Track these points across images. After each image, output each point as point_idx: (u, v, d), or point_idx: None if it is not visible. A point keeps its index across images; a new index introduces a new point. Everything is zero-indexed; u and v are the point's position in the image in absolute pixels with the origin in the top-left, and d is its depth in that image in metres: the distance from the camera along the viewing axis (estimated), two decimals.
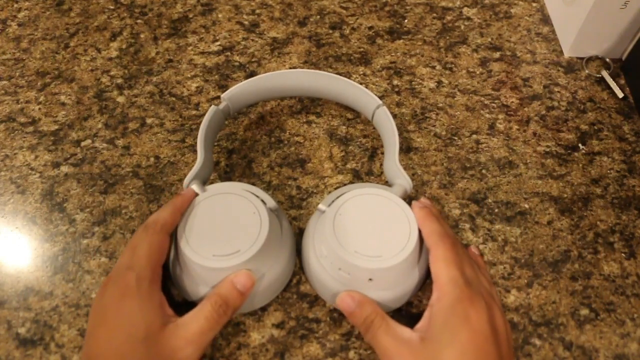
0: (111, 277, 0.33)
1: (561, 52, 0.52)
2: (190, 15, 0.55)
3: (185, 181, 0.38)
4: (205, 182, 0.39)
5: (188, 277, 0.35)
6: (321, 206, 0.37)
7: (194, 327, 0.32)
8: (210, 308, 0.33)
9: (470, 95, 0.49)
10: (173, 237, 0.36)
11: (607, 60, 0.51)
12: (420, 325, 0.33)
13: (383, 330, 0.33)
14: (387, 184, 0.41)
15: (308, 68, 0.51)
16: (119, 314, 0.32)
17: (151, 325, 0.32)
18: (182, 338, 0.32)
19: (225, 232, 0.35)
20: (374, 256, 0.34)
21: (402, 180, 0.38)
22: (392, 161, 0.39)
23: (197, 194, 0.37)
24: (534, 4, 0.56)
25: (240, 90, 0.43)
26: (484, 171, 0.45)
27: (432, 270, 0.34)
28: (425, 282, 0.38)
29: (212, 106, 0.41)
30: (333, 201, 0.37)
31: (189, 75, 0.50)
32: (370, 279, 0.34)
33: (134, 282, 0.32)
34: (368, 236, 0.35)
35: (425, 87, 0.50)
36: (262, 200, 0.37)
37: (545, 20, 0.55)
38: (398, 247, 0.34)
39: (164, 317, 0.32)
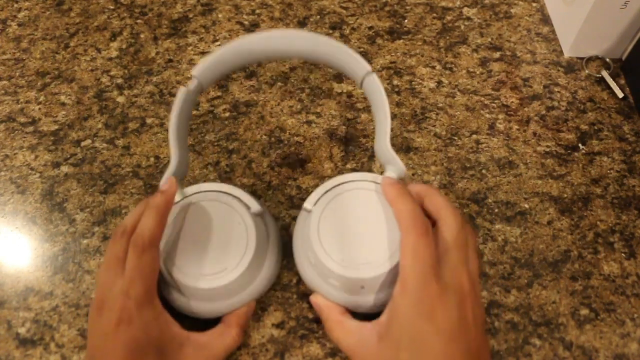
0: (104, 301, 0.31)
1: (561, 52, 0.52)
2: (190, 15, 0.55)
3: (162, 182, 0.34)
4: (183, 178, 0.36)
5: (170, 289, 0.34)
6: (307, 205, 0.34)
7: (215, 352, 0.33)
8: (231, 339, 0.34)
9: (470, 95, 0.49)
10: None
11: (607, 60, 0.51)
12: (381, 319, 0.31)
13: (342, 336, 0.32)
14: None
15: (308, 68, 0.51)
16: (121, 342, 0.30)
17: (166, 347, 0.31)
18: (204, 358, 0.32)
19: (210, 248, 0.33)
20: (363, 263, 0.32)
21: (394, 165, 0.34)
22: (382, 142, 0.34)
23: (177, 194, 0.34)
24: (534, 4, 0.56)
25: (215, 60, 0.36)
26: (484, 171, 0.45)
27: (400, 260, 0.30)
28: None
29: (182, 88, 0.35)
30: (319, 198, 0.34)
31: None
32: (362, 287, 0.33)
33: (134, 309, 0.30)
34: (356, 240, 0.32)
35: (425, 87, 0.50)
36: (246, 205, 0.35)
37: (545, 20, 0.55)
38: (389, 249, 0.32)
39: (177, 336, 0.32)
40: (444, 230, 0.31)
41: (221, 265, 0.33)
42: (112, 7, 0.56)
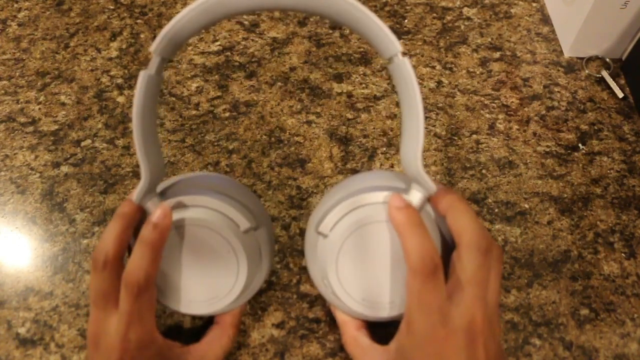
0: (101, 340, 0.30)
1: (561, 52, 0.52)
2: None
3: (136, 197, 0.29)
4: (157, 184, 0.31)
5: (161, 296, 0.33)
6: (322, 229, 0.30)
7: (213, 357, 0.33)
8: (228, 340, 0.34)
9: (470, 95, 0.49)
10: None
11: (607, 60, 0.51)
12: (391, 347, 0.30)
13: (358, 354, 0.33)
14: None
15: (308, 68, 0.51)
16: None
17: (160, 350, 0.31)
18: None
19: (200, 276, 0.31)
20: (384, 303, 0.30)
21: (422, 185, 0.29)
22: (411, 151, 0.28)
23: (149, 212, 0.30)
24: (534, 4, 0.56)
25: (181, 25, 0.28)
26: (484, 171, 0.45)
27: (406, 298, 0.28)
28: None
29: (142, 72, 0.28)
30: (337, 222, 0.30)
31: (189, 75, 0.50)
32: (381, 318, 0.32)
33: (136, 351, 0.29)
34: (378, 277, 0.30)
35: (425, 87, 0.50)
36: (236, 223, 0.31)
37: (545, 20, 0.55)
38: None
39: (179, 356, 0.32)
40: (464, 260, 0.28)
41: (212, 293, 0.32)
42: (112, 7, 0.56)
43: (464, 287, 0.28)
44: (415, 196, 0.29)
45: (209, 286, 0.31)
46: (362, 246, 0.30)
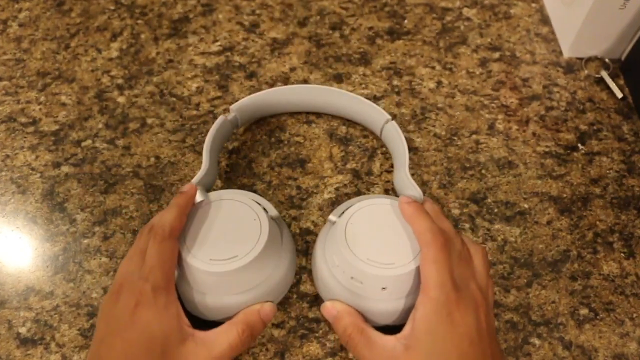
0: (123, 285, 0.32)
1: (560, 52, 0.52)
2: (191, 16, 0.55)
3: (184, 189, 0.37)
4: (208, 190, 0.39)
5: (184, 282, 0.35)
6: (332, 217, 0.37)
7: (218, 350, 0.32)
8: (236, 335, 0.33)
9: (470, 95, 0.49)
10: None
11: (607, 60, 0.51)
12: (404, 332, 0.32)
13: (362, 345, 0.32)
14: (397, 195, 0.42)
15: (308, 68, 0.51)
16: (135, 325, 0.31)
17: (169, 339, 0.31)
18: (202, 358, 0.32)
19: (224, 238, 0.35)
20: (386, 264, 0.33)
21: (413, 191, 0.38)
22: (402, 173, 0.39)
23: (199, 194, 0.37)
24: (534, 5, 0.56)
25: (249, 102, 0.44)
26: (483, 171, 0.45)
27: (421, 271, 0.33)
28: None
29: (221, 116, 0.42)
30: (343, 212, 0.37)
31: (189, 76, 0.50)
32: (383, 288, 0.34)
33: (150, 292, 0.31)
34: (380, 245, 0.34)
35: (425, 87, 0.50)
36: (264, 208, 0.37)
37: (545, 20, 0.55)
38: (411, 254, 0.34)
39: (182, 330, 0.32)
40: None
41: (232, 252, 0.34)
42: (112, 8, 0.56)
43: (457, 265, 0.33)
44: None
45: (232, 247, 0.34)
46: (365, 222, 0.35)
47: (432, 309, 0.31)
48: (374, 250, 0.34)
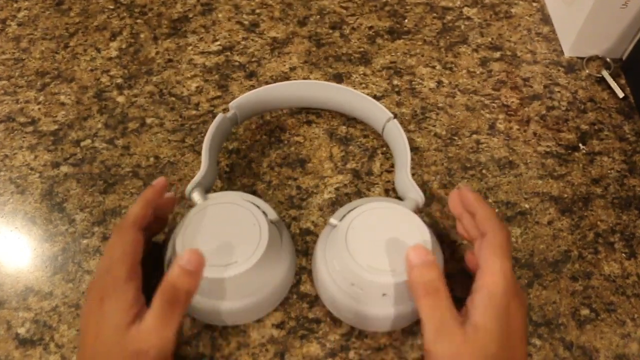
0: (92, 283, 0.33)
1: (561, 51, 0.52)
2: (190, 15, 0.55)
3: (188, 188, 0.37)
4: (208, 190, 0.39)
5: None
6: (332, 220, 0.37)
7: (148, 325, 0.30)
8: (158, 301, 0.30)
9: (471, 95, 0.49)
10: (172, 239, 0.36)
11: (608, 60, 0.51)
12: (469, 312, 0.31)
13: (444, 305, 0.30)
14: (398, 197, 0.41)
15: (308, 68, 0.51)
16: (100, 319, 0.31)
17: (119, 326, 0.30)
18: (142, 340, 0.30)
19: (223, 243, 0.34)
20: (387, 270, 0.33)
21: (414, 194, 0.37)
22: (403, 174, 0.39)
23: (198, 196, 0.37)
24: (534, 4, 0.56)
25: (248, 99, 0.43)
26: (484, 171, 0.45)
27: (483, 255, 0.32)
28: None
29: (220, 114, 0.41)
30: (344, 215, 0.36)
31: (188, 75, 0.50)
32: (384, 294, 0.33)
33: (111, 285, 0.31)
34: (381, 250, 0.34)
35: (425, 87, 0.50)
36: (264, 212, 0.36)
37: (546, 20, 0.55)
38: None
39: (134, 315, 0.31)
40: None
41: (231, 258, 0.33)
42: (111, 7, 0.56)
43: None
44: (412, 202, 0.37)
45: (231, 252, 0.34)
46: (366, 227, 0.35)
47: (499, 294, 0.30)
48: (375, 256, 0.34)
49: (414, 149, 0.46)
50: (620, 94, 0.49)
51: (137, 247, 0.33)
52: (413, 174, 0.44)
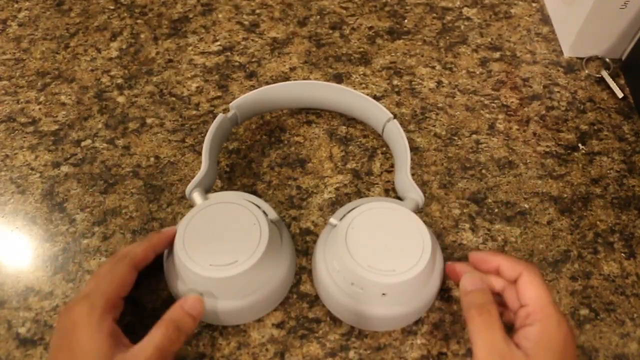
0: (69, 304, 0.32)
1: (561, 52, 0.52)
2: (191, 16, 0.55)
3: (188, 189, 0.37)
4: (208, 190, 0.39)
5: (182, 285, 0.35)
6: (332, 220, 0.37)
7: (144, 355, 0.31)
8: (161, 335, 0.31)
9: (470, 95, 0.49)
10: (171, 245, 0.35)
11: (607, 60, 0.51)
12: (520, 342, 0.31)
13: (497, 326, 0.31)
14: (398, 197, 0.41)
15: (308, 68, 0.51)
16: (72, 345, 0.31)
17: (100, 356, 0.30)
18: None
19: (224, 242, 0.34)
20: (387, 270, 0.33)
21: (414, 194, 0.38)
22: (403, 175, 0.39)
23: (198, 197, 0.37)
24: (534, 4, 0.56)
25: (249, 99, 0.43)
26: (484, 171, 0.45)
27: (530, 290, 0.32)
28: (434, 300, 0.37)
29: (220, 114, 0.41)
30: (344, 215, 0.36)
31: (189, 75, 0.50)
32: (383, 294, 0.34)
33: (85, 311, 0.31)
34: (381, 250, 0.34)
35: (425, 87, 0.50)
36: (264, 212, 0.36)
37: (545, 20, 0.55)
38: (411, 261, 0.34)
39: (114, 347, 0.31)
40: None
41: (233, 257, 0.34)
42: (112, 7, 0.56)
43: None
44: (412, 202, 0.37)
45: (232, 253, 0.34)
46: (366, 227, 0.35)
47: (553, 326, 0.31)
48: (375, 256, 0.34)
49: (414, 149, 0.46)
50: (620, 94, 0.49)
51: (126, 282, 0.34)
52: (413, 174, 0.44)
